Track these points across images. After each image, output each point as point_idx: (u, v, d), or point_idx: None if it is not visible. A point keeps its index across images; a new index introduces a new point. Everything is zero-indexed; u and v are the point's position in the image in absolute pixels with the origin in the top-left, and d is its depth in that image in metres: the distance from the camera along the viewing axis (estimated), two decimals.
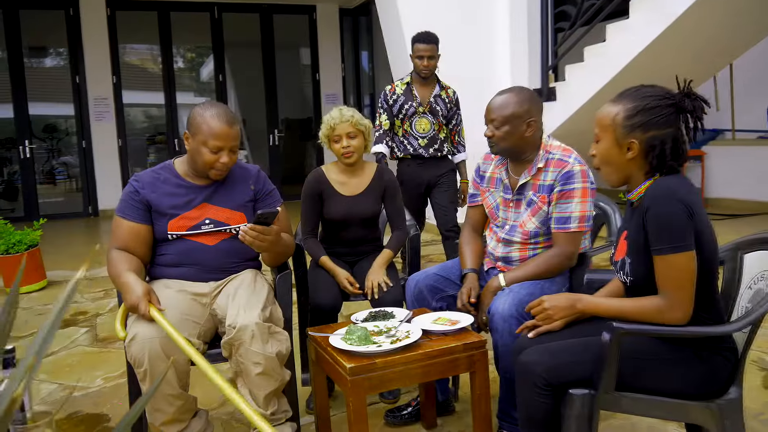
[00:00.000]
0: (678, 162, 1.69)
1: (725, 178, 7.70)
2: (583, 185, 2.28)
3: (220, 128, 2.24)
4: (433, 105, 4.09)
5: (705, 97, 1.72)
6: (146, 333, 2.02)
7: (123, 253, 2.25)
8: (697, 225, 1.60)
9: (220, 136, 2.24)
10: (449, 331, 2.11)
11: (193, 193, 2.34)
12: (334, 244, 2.91)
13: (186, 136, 2.32)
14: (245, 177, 2.45)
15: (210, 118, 2.25)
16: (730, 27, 5.48)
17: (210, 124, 2.24)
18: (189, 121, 2.30)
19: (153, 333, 2.02)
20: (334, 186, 2.87)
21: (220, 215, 2.34)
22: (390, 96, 4.13)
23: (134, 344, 2.03)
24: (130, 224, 2.29)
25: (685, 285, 1.59)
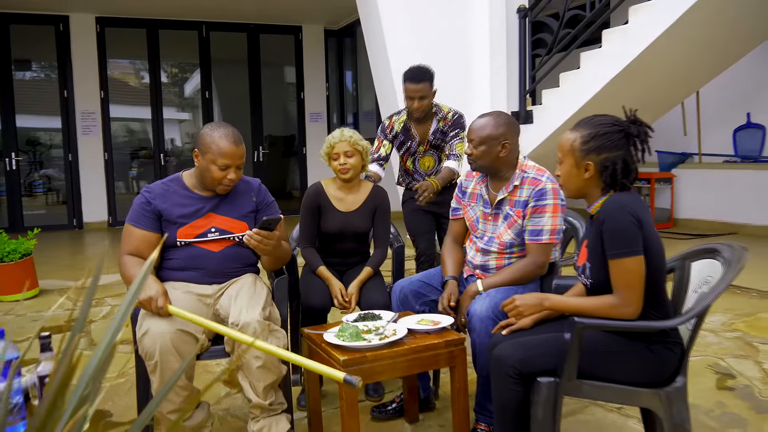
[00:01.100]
0: (629, 180, 1.95)
1: (693, 199, 8.05)
2: (554, 201, 2.55)
3: (228, 148, 2.46)
4: (433, 141, 3.73)
5: (646, 120, 2.00)
6: (158, 328, 2.22)
7: (135, 258, 2.45)
8: (645, 233, 1.87)
9: (227, 155, 2.45)
10: (432, 330, 2.35)
11: (200, 204, 2.56)
12: (328, 254, 3.13)
13: (196, 154, 2.53)
14: (248, 190, 2.68)
15: (219, 138, 2.46)
16: (696, 57, 5.81)
17: (219, 144, 2.45)
18: (198, 140, 2.51)
19: (164, 329, 2.22)
20: (332, 201, 3.08)
21: (225, 224, 2.56)
22: (389, 132, 3.81)
23: (146, 338, 2.23)
24: (142, 232, 2.49)
25: (635, 285, 1.85)
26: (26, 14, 9.12)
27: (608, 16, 5.67)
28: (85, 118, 9.48)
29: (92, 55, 9.46)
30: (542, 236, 2.54)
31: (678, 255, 2.20)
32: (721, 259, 1.97)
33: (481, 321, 2.36)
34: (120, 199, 9.97)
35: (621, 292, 1.86)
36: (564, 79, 5.93)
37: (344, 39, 10.84)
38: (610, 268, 1.88)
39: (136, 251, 2.47)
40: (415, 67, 3.56)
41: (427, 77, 3.53)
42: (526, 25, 6.21)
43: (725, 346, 3.55)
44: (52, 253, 7.45)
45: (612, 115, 2.01)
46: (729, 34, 5.64)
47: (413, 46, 6.22)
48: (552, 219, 2.54)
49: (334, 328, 2.35)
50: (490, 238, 2.69)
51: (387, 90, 6.48)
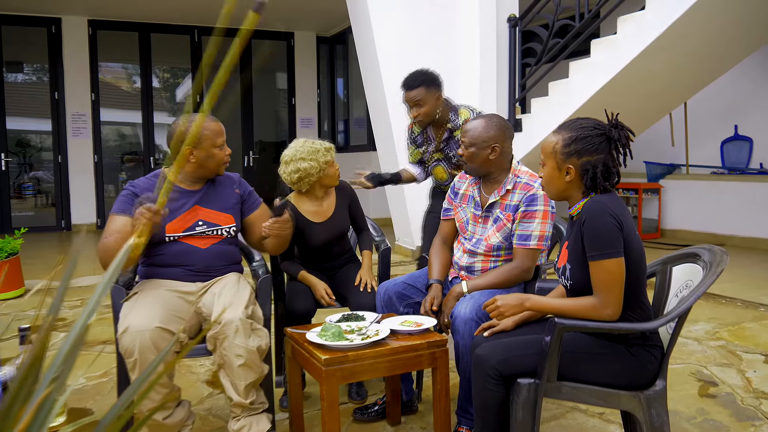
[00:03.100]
0: (610, 183, 1.97)
1: (681, 210, 8.10)
2: (544, 208, 2.56)
3: (217, 125, 2.57)
4: (445, 150, 3.42)
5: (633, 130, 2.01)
6: (138, 325, 2.22)
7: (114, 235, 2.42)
8: (625, 235, 1.88)
9: (220, 131, 2.57)
10: (414, 331, 2.35)
11: (186, 198, 2.57)
12: (318, 261, 3.12)
13: (189, 151, 2.49)
14: (230, 183, 2.72)
15: (206, 123, 2.53)
16: (684, 69, 5.87)
17: (210, 127, 2.54)
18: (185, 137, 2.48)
19: (144, 326, 2.21)
20: (308, 216, 3.05)
21: (211, 217, 2.58)
22: (410, 134, 3.59)
23: (126, 336, 2.22)
24: (125, 218, 2.43)
25: (615, 286, 1.86)
26: (18, 16, 9.09)
27: (597, 26, 5.73)
28: (75, 120, 9.45)
29: (84, 57, 9.44)
30: (530, 241, 2.55)
31: (659, 259, 2.22)
32: (702, 263, 1.99)
33: (464, 323, 2.37)
34: (109, 202, 9.92)
35: (601, 294, 1.87)
36: (553, 88, 5.98)
37: (336, 46, 10.87)
38: (591, 269, 1.89)
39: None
40: (410, 73, 3.33)
41: (421, 82, 3.25)
42: (516, 35, 6.26)
43: (709, 355, 3.57)
44: (39, 252, 7.40)
45: (594, 119, 2.02)
46: (717, 46, 5.70)
47: (403, 54, 6.25)
48: (541, 225, 2.55)
49: (317, 328, 2.35)
50: (478, 240, 2.69)
51: (377, 98, 6.51)
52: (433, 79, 3.29)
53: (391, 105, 6.24)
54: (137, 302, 2.37)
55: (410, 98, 3.27)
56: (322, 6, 8.87)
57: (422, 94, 3.24)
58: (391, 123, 6.27)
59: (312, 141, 3.03)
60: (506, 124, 2.68)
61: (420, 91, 3.24)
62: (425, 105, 3.25)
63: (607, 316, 1.87)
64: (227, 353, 2.31)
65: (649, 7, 5.23)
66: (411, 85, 3.27)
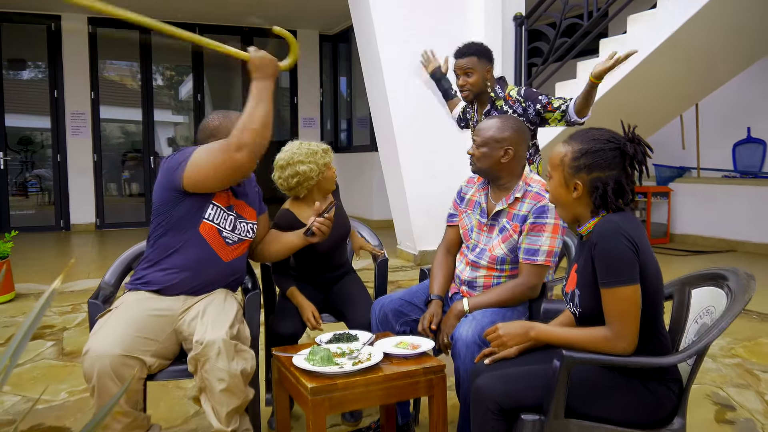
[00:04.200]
0: (624, 201, 1.78)
1: (691, 214, 7.90)
2: (555, 221, 2.37)
3: None
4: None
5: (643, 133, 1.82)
6: (99, 350, 2.06)
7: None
8: (641, 260, 1.69)
9: None
10: (410, 355, 2.17)
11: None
12: (310, 275, 2.95)
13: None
14: (249, 180, 2.63)
15: (237, 119, 2.35)
16: (695, 70, 5.69)
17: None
18: (217, 132, 2.41)
19: (106, 351, 2.05)
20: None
21: (240, 208, 2.49)
22: (458, 119, 3.77)
23: (86, 359, 2.07)
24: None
25: (630, 317, 1.67)
26: (18, 13, 8.96)
27: (606, 25, 5.55)
28: (74, 118, 9.33)
29: (83, 55, 9.31)
30: (538, 256, 2.37)
31: (677, 279, 2.04)
32: (726, 288, 1.80)
33: (466, 347, 2.20)
34: (109, 201, 9.81)
35: (614, 325, 1.69)
36: (560, 88, 5.80)
37: (339, 44, 10.70)
38: (603, 297, 1.71)
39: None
40: (463, 44, 3.42)
41: (473, 51, 3.35)
42: (522, 34, 6.08)
43: (724, 374, 3.37)
44: (35, 254, 7.26)
45: (609, 131, 1.83)
46: (730, 47, 5.52)
47: (406, 54, 6.07)
48: (550, 239, 2.37)
49: (305, 351, 2.17)
50: (481, 250, 2.52)
51: (379, 97, 6.34)
52: (485, 51, 3.38)
53: (393, 105, 6.08)
54: (108, 322, 2.21)
55: (460, 66, 3.35)
56: (325, 4, 8.72)
57: (473, 63, 3.32)
58: (393, 123, 6.10)
59: (308, 143, 2.85)
60: (522, 127, 2.49)
61: (471, 59, 3.33)
62: (474, 75, 3.33)
63: (621, 349, 1.69)
64: (208, 377, 2.14)
65: (660, 5, 5.05)
66: (463, 53, 3.36)
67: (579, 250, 1.89)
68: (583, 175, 1.79)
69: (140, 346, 2.14)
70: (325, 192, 2.91)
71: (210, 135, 2.42)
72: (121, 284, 2.57)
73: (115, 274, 2.56)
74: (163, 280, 2.33)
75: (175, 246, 2.34)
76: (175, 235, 2.34)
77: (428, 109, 6.11)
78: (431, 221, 6.23)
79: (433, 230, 6.23)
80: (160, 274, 2.35)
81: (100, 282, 2.52)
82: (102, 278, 2.54)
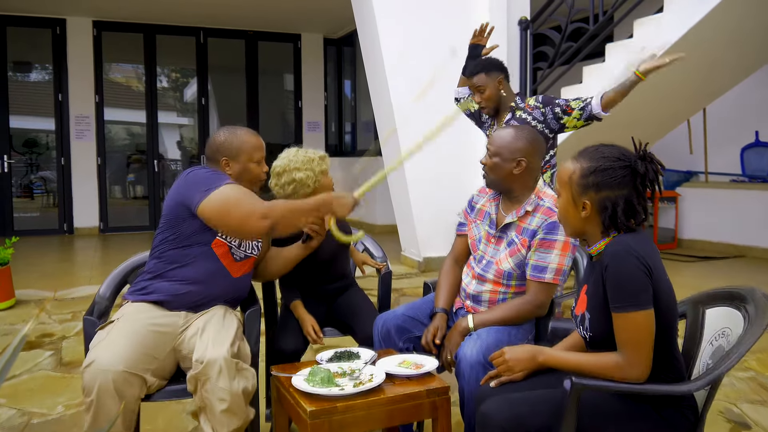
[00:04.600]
0: (636, 221, 1.71)
1: (699, 220, 7.80)
2: (565, 238, 2.30)
3: (258, 141, 2.46)
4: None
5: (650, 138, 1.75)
6: (104, 363, 2.01)
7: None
8: (654, 283, 1.62)
9: (260, 147, 2.46)
10: (413, 375, 2.11)
11: None
12: (313, 285, 2.89)
13: (226, 162, 2.39)
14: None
15: (245, 136, 2.42)
16: (703, 74, 5.61)
17: (249, 140, 2.42)
18: (222, 148, 2.38)
19: (110, 364, 2.00)
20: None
21: None
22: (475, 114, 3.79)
23: (89, 371, 2.02)
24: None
25: (643, 343, 1.60)
26: (23, 17, 8.94)
27: (611, 29, 5.48)
28: (79, 122, 9.28)
29: (88, 59, 9.27)
30: (545, 274, 2.30)
31: (689, 298, 1.97)
32: (743, 310, 1.73)
33: (471, 367, 2.13)
34: (113, 204, 9.78)
35: (626, 351, 1.61)
36: (565, 93, 5.73)
37: (343, 48, 10.64)
38: (614, 322, 1.64)
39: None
40: (471, 62, 3.63)
41: (480, 68, 3.48)
42: (527, 38, 6.01)
43: (738, 389, 3.28)
44: (37, 259, 7.20)
45: (619, 147, 1.75)
46: (738, 51, 5.44)
47: (410, 58, 6.02)
48: (560, 257, 2.30)
49: (304, 370, 2.11)
50: (488, 263, 2.45)
51: (383, 102, 6.27)
52: (493, 64, 3.51)
53: (397, 110, 6.00)
54: (111, 334, 2.16)
55: (472, 85, 3.52)
56: (330, 7, 8.65)
57: (482, 80, 3.46)
58: (397, 128, 6.02)
59: (305, 150, 2.82)
60: (537, 139, 2.42)
61: (480, 77, 3.47)
62: (486, 90, 3.46)
63: (633, 377, 1.61)
64: (209, 396, 2.09)
65: (667, 9, 4.98)
66: (472, 72, 3.51)
67: (589, 271, 1.82)
68: (591, 194, 1.72)
69: (143, 363, 2.10)
70: None
71: (216, 150, 2.40)
72: (116, 298, 2.51)
73: (111, 287, 2.50)
74: (168, 291, 2.28)
75: (185, 260, 2.30)
76: (186, 249, 2.30)
77: (433, 114, 6.03)
78: (436, 227, 6.16)
79: (438, 237, 6.17)
80: (166, 284, 2.30)
81: (94, 296, 2.46)
82: (97, 291, 2.48)
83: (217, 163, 2.39)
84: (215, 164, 2.40)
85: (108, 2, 8.50)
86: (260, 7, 8.82)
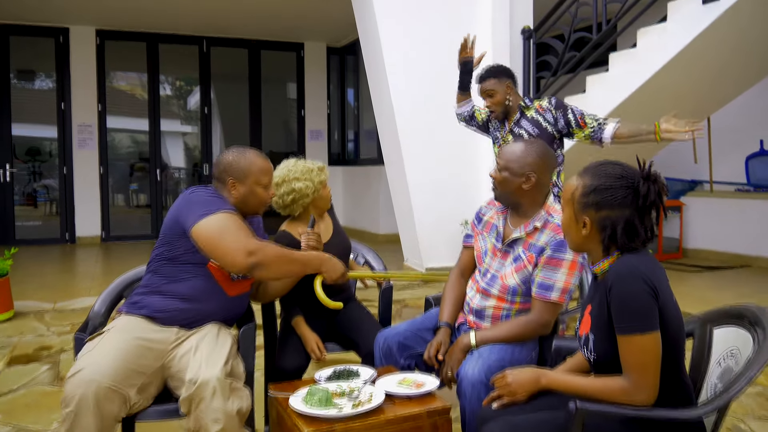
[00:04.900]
0: (635, 243, 1.66)
1: (704, 229, 7.74)
2: (573, 257, 2.25)
3: (267, 164, 2.43)
4: (516, 130, 3.62)
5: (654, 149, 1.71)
6: (88, 374, 1.97)
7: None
8: (661, 305, 1.57)
9: (268, 171, 2.43)
10: (413, 395, 2.06)
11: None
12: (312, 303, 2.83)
13: (232, 183, 2.35)
14: (257, 221, 2.58)
15: (254, 158, 2.39)
16: (707, 83, 5.57)
17: (258, 164, 2.38)
18: (230, 169, 2.35)
19: (95, 376, 1.97)
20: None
21: None
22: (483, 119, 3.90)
23: (72, 381, 1.99)
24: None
25: (650, 366, 1.55)
26: (26, 26, 8.96)
27: (615, 39, 5.45)
28: (81, 130, 9.29)
29: (91, 67, 9.28)
30: (551, 293, 2.25)
31: (696, 317, 1.91)
32: (753, 330, 1.67)
33: (472, 386, 2.08)
34: (115, 213, 9.76)
35: (632, 375, 1.56)
36: (570, 103, 5.68)
37: (347, 56, 10.63)
38: (620, 344, 1.59)
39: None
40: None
41: (492, 74, 3.63)
42: (530, 47, 5.98)
43: (745, 404, 3.22)
44: (38, 270, 7.17)
45: (624, 166, 1.70)
46: (743, 60, 5.41)
47: (412, 67, 6.00)
48: (567, 276, 2.25)
49: (302, 390, 2.06)
50: (493, 276, 2.40)
51: (385, 111, 6.24)
52: (503, 70, 3.66)
53: (399, 119, 5.98)
54: (99, 345, 2.13)
55: (483, 89, 3.64)
56: (333, 16, 8.66)
57: (493, 84, 3.60)
58: (400, 136, 6.00)
59: (304, 161, 2.81)
60: (548, 153, 2.36)
61: (491, 81, 3.61)
62: (496, 94, 3.60)
63: (640, 401, 1.56)
64: (203, 417, 2.04)
65: (671, 18, 4.95)
66: (483, 77, 3.65)
67: (593, 290, 1.77)
68: (591, 213, 1.68)
69: (129, 378, 2.06)
70: (320, 211, 2.82)
71: (223, 170, 2.37)
72: (111, 314, 2.47)
73: (105, 303, 2.46)
74: (161, 306, 2.25)
75: (180, 276, 2.27)
76: (181, 266, 2.27)
77: (435, 122, 6.01)
78: (439, 237, 6.12)
79: (441, 247, 6.13)
80: (159, 299, 2.26)
81: (89, 312, 2.42)
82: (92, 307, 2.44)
83: (223, 183, 2.36)
84: (222, 184, 2.37)
85: (111, 11, 8.52)
86: (263, 16, 8.82)
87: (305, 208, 2.77)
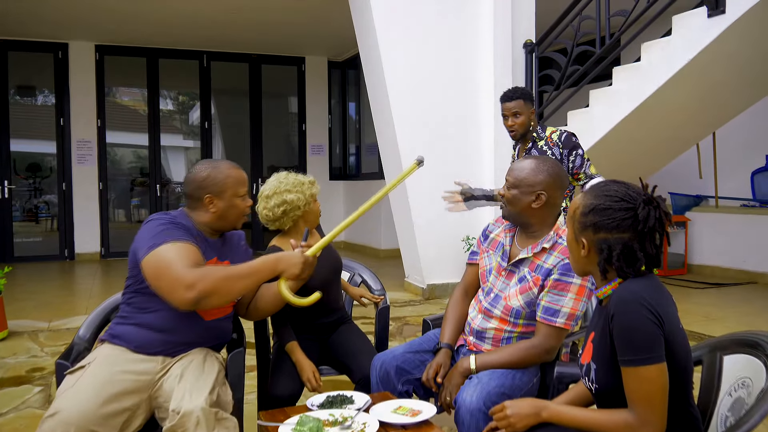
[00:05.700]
0: (634, 268, 1.57)
1: (709, 245, 7.65)
2: (582, 282, 2.16)
3: (242, 174, 2.34)
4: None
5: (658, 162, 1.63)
6: (66, 416, 1.87)
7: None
8: (667, 334, 1.48)
9: (244, 181, 2.34)
10: (409, 424, 1.96)
11: (208, 247, 2.27)
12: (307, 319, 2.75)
13: (209, 199, 2.24)
14: (237, 236, 2.47)
15: (228, 170, 2.29)
16: (712, 98, 5.50)
17: (233, 175, 2.29)
18: (205, 184, 2.24)
19: (73, 418, 1.87)
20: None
21: None
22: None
23: (50, 422, 1.88)
24: (194, 247, 2.13)
25: (656, 399, 1.45)
26: (25, 41, 8.96)
27: (619, 52, 5.39)
28: (80, 146, 9.25)
29: (90, 83, 9.27)
30: (557, 318, 2.15)
31: (705, 343, 1.82)
32: (764, 359, 1.58)
33: (471, 414, 1.99)
34: (113, 228, 9.69)
35: (638, 409, 1.46)
36: (572, 117, 5.63)
37: (348, 71, 10.61)
38: (624, 377, 1.49)
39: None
40: (509, 89, 3.83)
41: (519, 95, 3.72)
42: (532, 61, 5.93)
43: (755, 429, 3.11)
44: (34, 287, 7.08)
45: (628, 187, 1.62)
46: (748, 75, 5.34)
47: (413, 81, 5.94)
48: (574, 302, 2.15)
49: (293, 419, 1.97)
50: (496, 296, 2.31)
51: (386, 125, 6.18)
52: (529, 95, 3.77)
53: (400, 134, 5.91)
54: (79, 381, 2.02)
55: (508, 108, 3.72)
56: (334, 31, 8.64)
57: (520, 105, 3.70)
58: (400, 151, 5.93)
59: (295, 174, 2.75)
60: (560, 172, 2.27)
61: (518, 102, 3.70)
62: (521, 116, 3.70)
63: None
64: None
65: (676, 32, 4.88)
66: (510, 97, 3.73)
67: (597, 316, 1.67)
68: (589, 234, 1.60)
69: (110, 419, 1.95)
70: (310, 225, 2.74)
71: (198, 187, 2.24)
72: (97, 337, 2.38)
73: (91, 328, 2.37)
74: (137, 338, 2.14)
75: (151, 307, 2.15)
76: (150, 296, 2.14)
77: (436, 137, 5.95)
78: (440, 254, 6.04)
79: (442, 263, 6.05)
80: (134, 330, 2.16)
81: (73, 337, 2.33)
82: (76, 333, 2.36)
83: (199, 201, 2.25)
84: (197, 202, 2.26)
85: (110, 27, 8.50)
86: (264, 31, 8.80)
87: (295, 222, 2.71)
